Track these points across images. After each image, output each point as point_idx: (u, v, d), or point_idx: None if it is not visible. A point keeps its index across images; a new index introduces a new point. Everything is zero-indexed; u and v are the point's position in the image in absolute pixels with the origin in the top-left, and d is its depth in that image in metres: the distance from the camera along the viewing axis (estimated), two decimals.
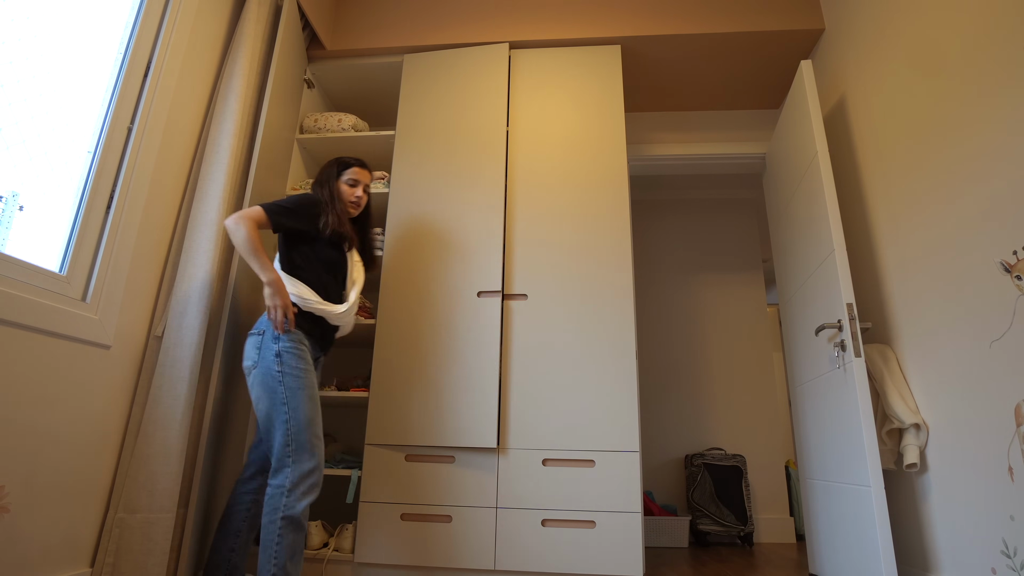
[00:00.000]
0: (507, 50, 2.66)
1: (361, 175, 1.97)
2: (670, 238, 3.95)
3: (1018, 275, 1.44)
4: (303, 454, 1.60)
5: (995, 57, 1.54)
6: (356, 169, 1.96)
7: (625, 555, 1.98)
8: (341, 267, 1.89)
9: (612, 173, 2.42)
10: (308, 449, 1.61)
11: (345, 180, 1.94)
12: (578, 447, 2.10)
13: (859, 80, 2.27)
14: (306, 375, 1.68)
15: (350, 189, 1.94)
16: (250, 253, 1.71)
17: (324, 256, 1.83)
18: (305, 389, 1.65)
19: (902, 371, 1.97)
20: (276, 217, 1.78)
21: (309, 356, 1.73)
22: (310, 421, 1.64)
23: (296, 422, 1.61)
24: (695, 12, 2.65)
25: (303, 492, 1.58)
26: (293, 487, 1.57)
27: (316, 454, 1.63)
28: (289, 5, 2.47)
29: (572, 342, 2.21)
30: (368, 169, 2.01)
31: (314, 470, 1.61)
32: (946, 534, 1.74)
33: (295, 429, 1.61)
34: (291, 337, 1.69)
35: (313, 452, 1.62)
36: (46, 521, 1.52)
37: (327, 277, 1.83)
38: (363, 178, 1.97)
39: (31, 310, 1.46)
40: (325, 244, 1.83)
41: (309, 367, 1.70)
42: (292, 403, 1.63)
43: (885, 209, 2.08)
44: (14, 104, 1.55)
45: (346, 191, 1.94)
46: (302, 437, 1.61)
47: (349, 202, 1.93)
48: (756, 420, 3.52)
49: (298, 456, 1.59)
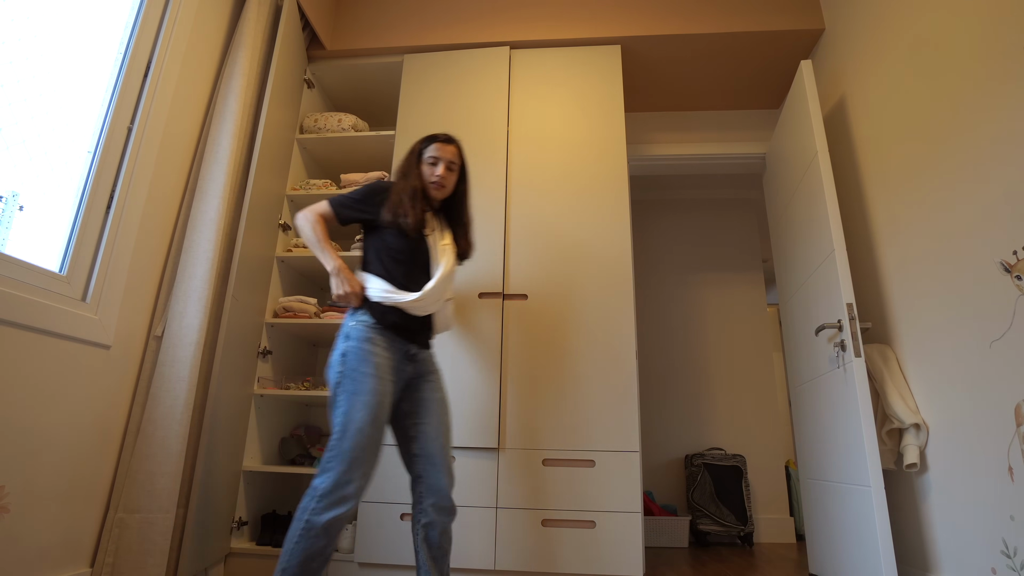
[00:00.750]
0: (507, 51, 2.66)
1: (441, 151, 1.72)
2: (670, 238, 3.95)
3: (1018, 275, 1.44)
4: (343, 464, 1.42)
5: (995, 56, 1.54)
6: (435, 145, 1.73)
7: (625, 555, 1.98)
8: (416, 255, 1.67)
9: (612, 173, 2.42)
10: (350, 460, 1.42)
11: (425, 160, 1.73)
12: (578, 447, 2.10)
13: (859, 80, 2.27)
14: (368, 380, 1.49)
15: (429, 169, 1.72)
16: (313, 245, 1.65)
17: (393, 245, 1.64)
18: (363, 395, 1.47)
19: (902, 371, 1.97)
20: (339, 209, 1.69)
21: (381, 360, 1.53)
22: (359, 431, 1.44)
23: (342, 428, 1.45)
24: (695, 12, 2.65)
25: (331, 503, 1.39)
26: (325, 494, 1.40)
27: (357, 467, 1.43)
28: (289, 5, 2.47)
29: (572, 342, 2.21)
30: (452, 142, 1.76)
31: (348, 484, 1.41)
32: (946, 534, 1.74)
33: (340, 434, 1.44)
34: (361, 336, 1.54)
35: (355, 465, 1.42)
36: (46, 521, 1.52)
37: (398, 267, 1.64)
38: (443, 154, 1.72)
39: (31, 310, 1.46)
40: (395, 233, 1.65)
41: (376, 373, 1.51)
42: (345, 407, 1.47)
43: (885, 209, 2.08)
44: (14, 104, 1.55)
45: (426, 172, 1.72)
46: (347, 445, 1.43)
47: (430, 184, 1.71)
48: (756, 420, 3.52)
49: (338, 465, 1.42)
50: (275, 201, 2.46)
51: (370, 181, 2.60)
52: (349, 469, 1.42)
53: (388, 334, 1.58)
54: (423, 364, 1.68)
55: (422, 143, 1.76)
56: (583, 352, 2.21)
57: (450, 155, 1.73)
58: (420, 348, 1.67)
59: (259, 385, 2.31)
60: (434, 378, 1.70)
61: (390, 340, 1.58)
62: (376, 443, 1.48)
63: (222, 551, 2.06)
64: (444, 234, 1.75)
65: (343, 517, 1.40)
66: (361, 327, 1.56)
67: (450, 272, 1.69)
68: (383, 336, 1.57)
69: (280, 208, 2.51)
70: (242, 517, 2.17)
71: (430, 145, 1.74)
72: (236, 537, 2.14)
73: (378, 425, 1.48)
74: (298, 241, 2.54)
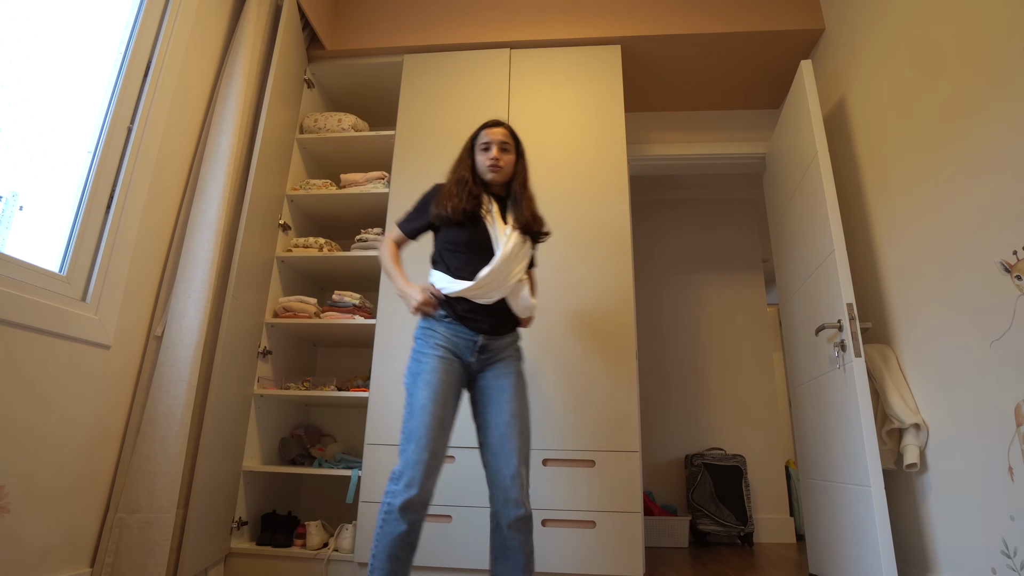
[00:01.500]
0: (507, 51, 2.66)
1: (491, 134, 1.70)
2: (670, 238, 3.95)
3: (1018, 275, 1.44)
4: (410, 443, 1.43)
5: (995, 56, 1.54)
6: (484, 131, 1.72)
7: (625, 555, 1.98)
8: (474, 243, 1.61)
9: (612, 173, 2.42)
10: (415, 439, 1.42)
11: (478, 148, 1.71)
12: (578, 447, 2.10)
13: (859, 80, 2.27)
14: (429, 360, 1.51)
15: (483, 156, 1.69)
16: (386, 272, 1.72)
17: (447, 237, 1.64)
18: (424, 374, 1.49)
19: (902, 371, 1.97)
20: (403, 226, 1.74)
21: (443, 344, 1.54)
22: (421, 408, 1.45)
23: (409, 408, 1.48)
24: (695, 12, 2.65)
25: (405, 485, 1.39)
26: (399, 476, 1.41)
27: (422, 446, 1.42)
28: (289, 5, 2.47)
29: (572, 342, 2.21)
30: (500, 124, 1.73)
31: (416, 464, 1.40)
32: (946, 534, 1.74)
33: (407, 415, 1.47)
34: (423, 324, 1.59)
35: (420, 444, 1.42)
36: (46, 521, 1.52)
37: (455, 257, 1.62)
38: (494, 136, 1.69)
39: (31, 310, 1.46)
40: (447, 226, 1.64)
41: (437, 352, 1.53)
42: (410, 387, 1.50)
43: (885, 209, 2.08)
44: (14, 104, 1.55)
45: (480, 160, 1.70)
46: (411, 424, 1.45)
47: (487, 168, 1.68)
48: (756, 420, 3.52)
49: (405, 445, 1.43)
50: (275, 201, 2.46)
51: (370, 180, 2.62)
52: (416, 449, 1.41)
53: (452, 326, 1.57)
54: (496, 353, 1.62)
55: (473, 133, 1.76)
56: (583, 352, 2.20)
57: (500, 136, 1.70)
58: (491, 337, 1.59)
59: (259, 385, 2.31)
60: (503, 366, 1.61)
61: (454, 330, 1.57)
62: (440, 421, 1.45)
63: (222, 551, 2.06)
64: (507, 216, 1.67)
65: (416, 500, 1.38)
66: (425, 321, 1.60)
67: (511, 254, 1.58)
68: (446, 328, 1.57)
69: (280, 208, 2.51)
70: (242, 517, 2.17)
71: (480, 132, 1.73)
72: (236, 537, 2.14)
73: (441, 402, 1.47)
74: (298, 241, 2.55)
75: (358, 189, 2.59)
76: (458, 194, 1.62)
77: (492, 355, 1.60)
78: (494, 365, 1.60)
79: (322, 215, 2.79)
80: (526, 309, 1.64)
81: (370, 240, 2.54)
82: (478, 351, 1.58)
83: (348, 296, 2.46)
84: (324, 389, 2.38)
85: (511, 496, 1.48)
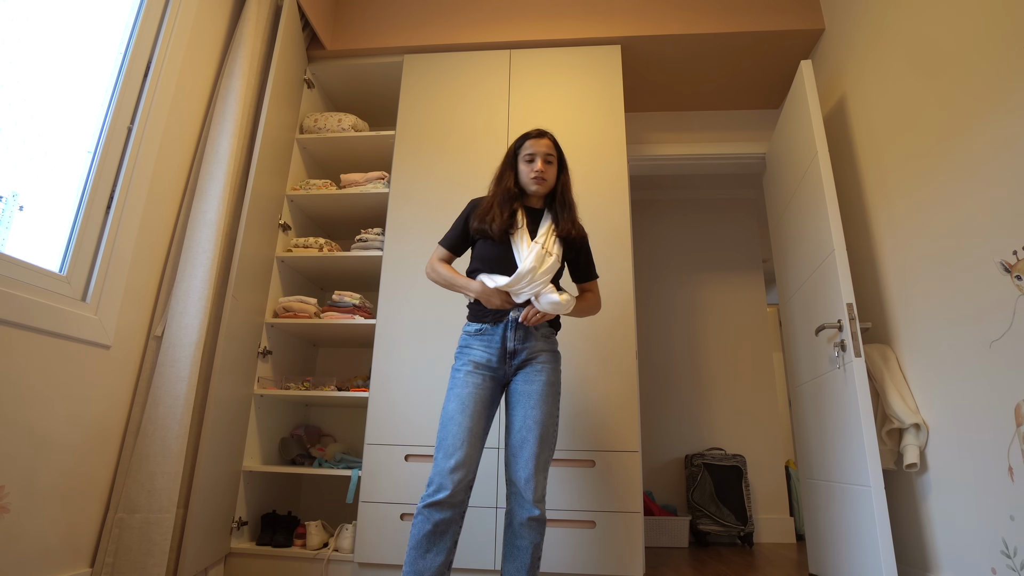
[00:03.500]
0: (508, 52, 2.66)
1: (536, 146, 1.70)
2: (670, 238, 3.95)
3: (1018, 275, 1.44)
4: (439, 452, 1.50)
5: (995, 56, 1.54)
6: (529, 142, 1.71)
7: (625, 555, 1.98)
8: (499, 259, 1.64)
9: (612, 173, 2.42)
10: (443, 448, 1.50)
11: (522, 158, 1.71)
12: (578, 447, 2.10)
13: (859, 80, 2.27)
14: (459, 374, 1.59)
15: (527, 167, 1.70)
16: (446, 285, 1.72)
17: (484, 252, 1.67)
18: (454, 388, 1.57)
19: (902, 371, 1.97)
20: (447, 243, 1.75)
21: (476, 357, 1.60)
22: (449, 419, 1.53)
23: (441, 420, 1.56)
24: (695, 12, 2.65)
25: (434, 489, 1.46)
26: (429, 483, 1.48)
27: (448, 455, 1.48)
28: (289, 5, 2.47)
29: (572, 342, 2.21)
30: (544, 135, 1.73)
31: (443, 471, 1.46)
32: (946, 534, 1.74)
33: (439, 426, 1.55)
34: (461, 343, 1.66)
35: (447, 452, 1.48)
36: (46, 521, 1.52)
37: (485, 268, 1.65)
38: (538, 148, 1.70)
39: (31, 310, 1.46)
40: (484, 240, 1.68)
41: (468, 368, 1.59)
42: (444, 402, 1.58)
43: (885, 209, 2.08)
44: (14, 104, 1.55)
45: (524, 171, 1.71)
46: (441, 434, 1.53)
47: (530, 181, 1.69)
48: (756, 420, 3.52)
49: (436, 453, 1.52)
50: (275, 201, 2.46)
51: (370, 180, 2.62)
52: (444, 457, 1.48)
53: (483, 338, 1.63)
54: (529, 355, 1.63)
55: (516, 142, 1.75)
56: (583, 352, 2.20)
57: (545, 148, 1.71)
58: (520, 342, 1.62)
59: (259, 385, 2.31)
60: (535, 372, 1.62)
61: (488, 339, 1.62)
62: (468, 431, 1.50)
63: (222, 551, 2.06)
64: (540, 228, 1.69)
65: (442, 500, 1.44)
66: (463, 336, 1.66)
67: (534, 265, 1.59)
68: (479, 341, 1.63)
69: (280, 208, 2.51)
70: (242, 517, 2.17)
71: (524, 143, 1.72)
72: (236, 537, 2.14)
73: (468, 413, 1.52)
74: (298, 241, 2.55)
75: (358, 189, 2.59)
76: (501, 211, 1.65)
77: (525, 357, 1.63)
78: (526, 369, 1.63)
79: (322, 215, 2.79)
80: (555, 307, 1.62)
81: (370, 240, 2.54)
82: (510, 355, 1.62)
83: (348, 296, 2.46)
84: (324, 389, 2.38)
85: (526, 496, 1.53)
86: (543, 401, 1.60)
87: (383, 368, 2.26)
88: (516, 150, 1.74)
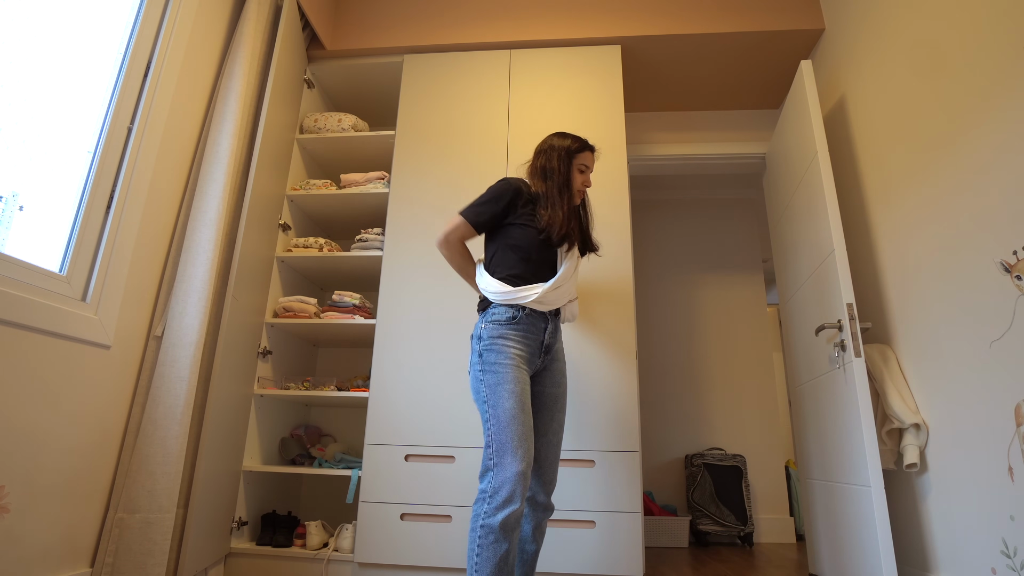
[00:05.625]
0: (508, 52, 2.66)
1: (589, 160, 1.72)
2: (670, 238, 3.95)
3: (1018, 275, 1.44)
4: (504, 456, 1.41)
5: (995, 56, 1.54)
6: (587, 154, 1.71)
7: (625, 555, 1.98)
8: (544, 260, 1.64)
9: (612, 173, 2.42)
10: (510, 451, 1.41)
11: (576, 166, 1.69)
12: (578, 447, 2.10)
13: (859, 80, 2.27)
14: (508, 370, 1.50)
15: (581, 176, 1.70)
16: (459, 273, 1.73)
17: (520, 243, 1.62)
18: (506, 384, 1.48)
19: (902, 371, 1.97)
20: (478, 220, 1.64)
21: (517, 351, 1.54)
22: (511, 419, 1.44)
23: (496, 420, 1.45)
24: (695, 12, 2.65)
25: (503, 500, 1.37)
26: (494, 493, 1.39)
27: (519, 457, 1.41)
28: (289, 5, 2.47)
29: (572, 342, 2.21)
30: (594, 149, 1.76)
31: (515, 476, 1.39)
32: (946, 534, 1.74)
33: (495, 428, 1.45)
34: (492, 333, 1.55)
35: (516, 455, 1.41)
36: (46, 521, 1.52)
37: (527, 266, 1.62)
38: (590, 162, 1.72)
39: (31, 310, 1.46)
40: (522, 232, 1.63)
41: (513, 363, 1.52)
42: (492, 400, 1.47)
43: (885, 209, 2.08)
44: (14, 104, 1.55)
45: (577, 180, 1.69)
46: (503, 436, 1.43)
47: (577, 192, 1.69)
48: (756, 420, 3.52)
49: (499, 459, 1.42)
50: (275, 201, 2.46)
51: (370, 180, 2.61)
52: (512, 461, 1.41)
53: (520, 329, 1.58)
54: (554, 353, 1.67)
55: (574, 147, 1.70)
56: (583, 352, 2.20)
57: (593, 163, 1.74)
58: (552, 336, 1.64)
59: (259, 385, 2.31)
60: (558, 374, 1.68)
61: (523, 334, 1.58)
62: (529, 430, 1.46)
63: (222, 551, 2.06)
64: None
65: (517, 513, 1.38)
66: (492, 326, 1.57)
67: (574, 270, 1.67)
68: (515, 331, 1.57)
69: (280, 208, 2.51)
70: (242, 517, 2.17)
71: (583, 152, 1.71)
72: (236, 537, 2.14)
73: (527, 411, 1.48)
74: (298, 241, 2.55)
75: (358, 189, 2.59)
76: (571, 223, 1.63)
77: (551, 355, 1.66)
78: (550, 368, 1.67)
79: (322, 215, 2.79)
80: (572, 316, 1.76)
81: (370, 240, 2.54)
82: (544, 350, 1.63)
83: (348, 296, 2.46)
84: (324, 389, 2.38)
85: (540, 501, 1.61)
86: (561, 403, 1.67)
87: (383, 368, 2.26)
88: (573, 155, 1.69)
